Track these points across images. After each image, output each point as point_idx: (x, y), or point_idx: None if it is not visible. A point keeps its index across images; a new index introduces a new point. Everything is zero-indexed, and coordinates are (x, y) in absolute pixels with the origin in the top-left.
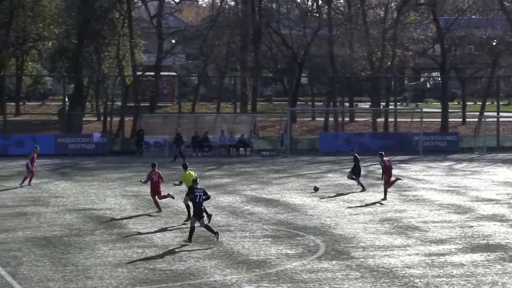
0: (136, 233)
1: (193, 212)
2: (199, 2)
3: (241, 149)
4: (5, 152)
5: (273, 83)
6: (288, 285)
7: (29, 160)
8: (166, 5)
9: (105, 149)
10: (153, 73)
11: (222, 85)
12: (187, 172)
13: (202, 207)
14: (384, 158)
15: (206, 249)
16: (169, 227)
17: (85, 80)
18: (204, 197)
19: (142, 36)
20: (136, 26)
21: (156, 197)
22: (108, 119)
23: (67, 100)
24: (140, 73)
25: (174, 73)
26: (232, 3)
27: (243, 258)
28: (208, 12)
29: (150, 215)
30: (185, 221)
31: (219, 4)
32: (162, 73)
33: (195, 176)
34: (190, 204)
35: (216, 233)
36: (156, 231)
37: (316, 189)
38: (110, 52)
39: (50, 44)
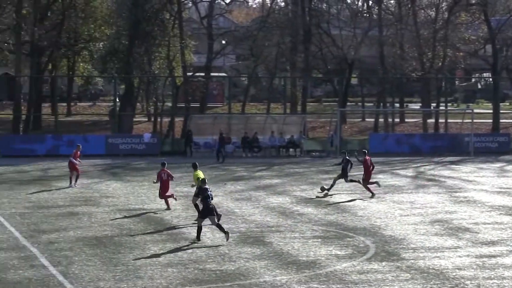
0: (186, 233)
1: (202, 211)
2: (249, 3)
3: (290, 149)
4: (56, 152)
5: (323, 83)
6: (338, 286)
7: (72, 158)
8: (216, 6)
9: (155, 149)
10: (203, 74)
11: (272, 86)
12: (197, 172)
13: (211, 206)
14: (367, 157)
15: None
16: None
17: (135, 81)
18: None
19: (193, 37)
20: (186, 27)
21: (165, 195)
22: (159, 119)
23: (118, 100)
24: (190, 73)
25: (224, 74)
26: (282, 3)
27: (292, 258)
28: (258, 13)
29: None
30: (195, 220)
31: (269, 5)
32: (212, 74)
33: (204, 175)
34: (198, 202)
35: (226, 233)
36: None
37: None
38: (161, 53)
39: (101, 45)
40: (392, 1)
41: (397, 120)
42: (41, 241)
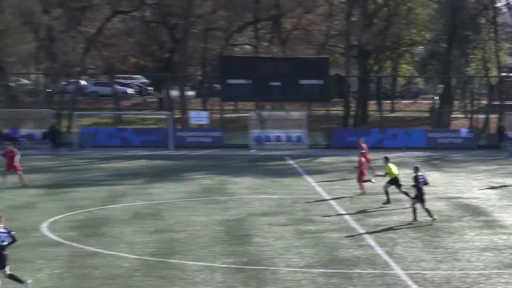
0: (501, 220)
1: (416, 195)
2: None
3: None
4: (381, 145)
5: None
6: None
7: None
8: None
9: (471, 143)
10: None
11: None
12: (389, 165)
13: (423, 191)
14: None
15: None
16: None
17: (453, 81)
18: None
19: (507, 39)
20: (501, 31)
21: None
22: (474, 116)
23: (437, 98)
24: (504, 74)
25: None
26: None
27: None
28: None
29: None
30: (384, 203)
31: None
32: None
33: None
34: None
35: (433, 218)
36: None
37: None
38: (476, 55)
39: (421, 48)
40: None
41: None
42: (368, 224)
